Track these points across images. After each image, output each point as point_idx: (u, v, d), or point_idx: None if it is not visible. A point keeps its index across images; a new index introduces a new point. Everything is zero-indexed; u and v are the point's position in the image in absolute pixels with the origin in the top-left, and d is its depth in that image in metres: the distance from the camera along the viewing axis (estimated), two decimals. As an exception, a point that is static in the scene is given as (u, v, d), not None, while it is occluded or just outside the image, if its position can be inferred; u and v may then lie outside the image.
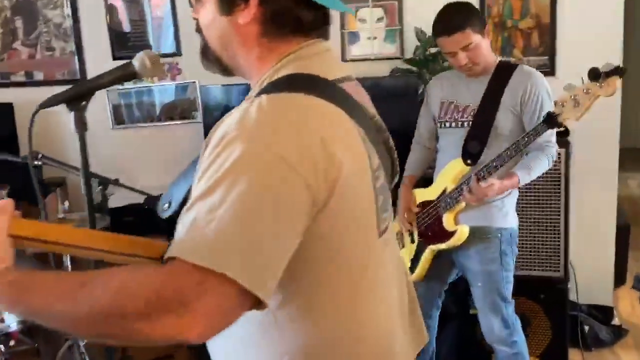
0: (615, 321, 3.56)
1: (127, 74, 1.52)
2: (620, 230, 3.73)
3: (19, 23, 4.02)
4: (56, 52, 4.03)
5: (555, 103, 2.25)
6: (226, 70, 1.17)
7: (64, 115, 1.50)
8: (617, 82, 2.11)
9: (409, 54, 3.56)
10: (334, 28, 2.38)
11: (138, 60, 1.46)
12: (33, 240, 1.00)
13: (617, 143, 3.53)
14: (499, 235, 2.52)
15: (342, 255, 1.02)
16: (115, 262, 1.03)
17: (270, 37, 1.07)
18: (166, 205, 1.16)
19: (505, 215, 2.53)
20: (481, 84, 2.54)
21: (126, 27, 3.92)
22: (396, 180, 1.33)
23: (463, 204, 2.54)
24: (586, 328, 3.36)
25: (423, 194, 2.72)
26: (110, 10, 3.90)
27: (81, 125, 1.54)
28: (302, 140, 0.93)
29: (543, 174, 2.47)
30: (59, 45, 4.01)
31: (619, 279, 3.77)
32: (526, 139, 2.28)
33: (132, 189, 3.17)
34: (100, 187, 3.16)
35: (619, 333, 3.48)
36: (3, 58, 4.09)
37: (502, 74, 2.53)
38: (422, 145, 2.83)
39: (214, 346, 1.15)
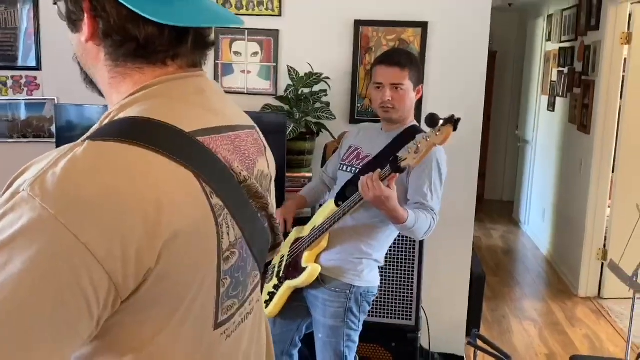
0: None
1: None
2: (476, 280, 3.81)
3: None
4: None
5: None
6: (101, 93, 1.05)
7: None
8: (451, 131, 2.14)
9: (281, 92, 3.57)
10: (209, 58, 2.34)
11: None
12: None
13: (474, 195, 3.64)
14: (348, 291, 2.47)
15: (154, 348, 0.90)
16: None
17: (114, 60, 0.96)
18: None
19: (360, 273, 2.48)
20: (387, 140, 2.54)
21: None
22: (277, 250, 1.23)
23: (324, 243, 2.51)
24: None
25: (300, 231, 2.69)
26: None
27: None
28: (113, 221, 0.79)
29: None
30: None
31: (472, 326, 3.86)
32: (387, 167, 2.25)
33: None
34: None
35: None
36: None
37: (407, 135, 2.48)
38: (321, 180, 2.85)
39: None
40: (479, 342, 2.04)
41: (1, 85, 3.74)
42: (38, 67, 3.75)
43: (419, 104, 3.19)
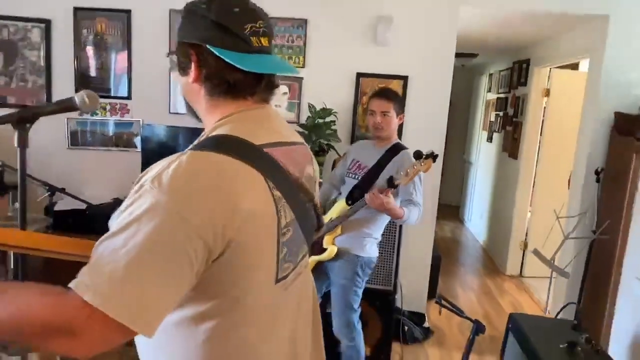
0: (426, 324, 3.61)
1: (68, 106, 1.38)
2: (435, 260, 3.81)
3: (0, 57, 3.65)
4: (29, 83, 3.66)
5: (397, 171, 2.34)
6: (199, 119, 1.06)
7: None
8: (431, 163, 2.24)
9: (302, 121, 3.53)
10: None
11: (78, 97, 1.34)
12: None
13: (436, 201, 3.61)
14: (356, 260, 2.49)
15: (236, 294, 0.91)
16: (68, 259, 0.97)
17: (211, 95, 0.98)
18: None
19: (364, 247, 2.50)
20: (379, 154, 2.54)
21: (92, 72, 3.65)
22: (322, 232, 1.24)
23: (339, 230, 2.54)
24: (406, 328, 3.38)
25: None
26: (80, 57, 3.62)
27: (22, 143, 1.38)
28: (207, 204, 0.82)
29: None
30: (32, 78, 3.65)
31: (431, 294, 3.84)
32: (384, 185, 2.30)
33: (76, 197, 2.91)
34: (48, 193, 2.89)
35: (427, 333, 3.53)
36: None
37: (394, 150, 2.53)
38: (330, 184, 2.81)
39: (138, 343, 1.01)
40: (443, 302, 2.05)
41: (102, 109, 3.71)
42: (129, 97, 3.69)
43: (401, 127, 3.25)
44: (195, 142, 0.94)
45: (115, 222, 0.81)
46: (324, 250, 2.57)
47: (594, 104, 3.37)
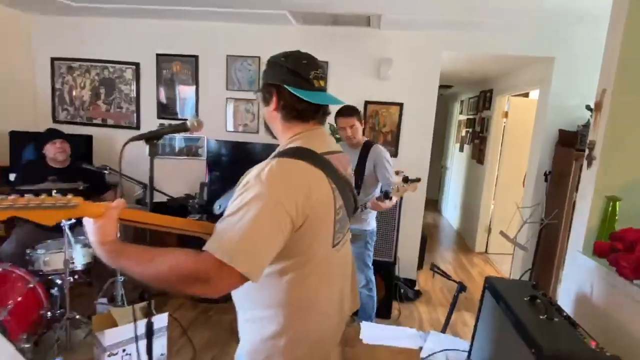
0: (417, 287, 3.65)
1: (182, 128, 1.40)
2: (422, 239, 3.86)
3: (102, 90, 3.80)
4: (123, 109, 3.81)
5: (391, 186, 2.25)
6: (274, 136, 1.10)
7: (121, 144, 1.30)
8: (417, 185, 2.17)
9: None
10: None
11: (190, 121, 1.37)
12: (133, 222, 0.94)
13: (424, 196, 3.66)
14: (364, 233, 2.49)
15: (308, 254, 0.96)
16: (186, 234, 1.00)
17: (286, 120, 1.03)
18: (218, 207, 1.18)
19: (368, 222, 2.49)
20: (357, 154, 2.48)
21: (169, 101, 3.77)
22: (358, 211, 1.27)
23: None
24: (402, 290, 3.44)
25: None
26: (160, 90, 3.76)
27: (152, 154, 1.43)
28: (292, 193, 0.88)
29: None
30: (125, 106, 3.80)
31: (420, 265, 3.89)
32: (381, 196, 2.18)
33: (160, 192, 3.07)
34: (142, 190, 3.04)
35: (418, 294, 3.57)
36: (89, 109, 3.83)
37: (366, 148, 2.47)
38: None
39: (236, 293, 1.04)
40: (436, 269, 2.10)
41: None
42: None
43: (397, 139, 3.37)
44: (276, 151, 1.00)
45: (229, 207, 0.87)
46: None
47: (542, 122, 3.41)
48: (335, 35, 3.48)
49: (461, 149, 6.24)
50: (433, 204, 7.47)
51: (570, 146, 3.05)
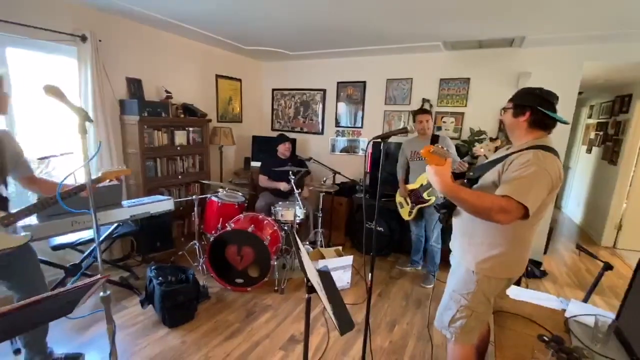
0: (542, 268, 3.45)
1: (403, 131, 1.46)
2: (549, 229, 3.53)
3: (301, 108, 4.38)
4: (313, 122, 4.33)
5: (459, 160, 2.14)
6: (507, 137, 1.26)
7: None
8: (494, 145, 1.77)
9: (464, 137, 3.52)
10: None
11: (409, 126, 1.47)
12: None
13: (555, 195, 3.34)
14: (436, 204, 2.34)
15: (543, 211, 1.14)
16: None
17: (531, 128, 1.20)
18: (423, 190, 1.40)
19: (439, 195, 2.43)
20: (427, 142, 2.65)
21: (345, 115, 3.99)
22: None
23: (431, 189, 2.56)
24: (529, 268, 3.26)
25: (411, 186, 2.75)
26: (338, 107, 4.12)
27: (384, 148, 1.38)
28: (554, 168, 1.08)
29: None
30: (315, 118, 4.32)
31: (545, 250, 3.61)
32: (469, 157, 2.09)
33: (343, 175, 3.49)
34: (332, 174, 3.49)
35: (544, 273, 3.37)
36: (293, 121, 4.46)
37: (435, 139, 2.66)
38: (403, 168, 2.84)
39: (457, 224, 1.28)
40: (582, 247, 1.84)
41: (348, 133, 4.04)
42: (361, 127, 4.03)
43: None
44: (525, 146, 1.15)
45: (516, 173, 1.04)
46: (425, 200, 2.61)
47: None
48: (477, 55, 3.40)
49: (589, 151, 5.39)
50: (555, 200, 6.52)
51: None
